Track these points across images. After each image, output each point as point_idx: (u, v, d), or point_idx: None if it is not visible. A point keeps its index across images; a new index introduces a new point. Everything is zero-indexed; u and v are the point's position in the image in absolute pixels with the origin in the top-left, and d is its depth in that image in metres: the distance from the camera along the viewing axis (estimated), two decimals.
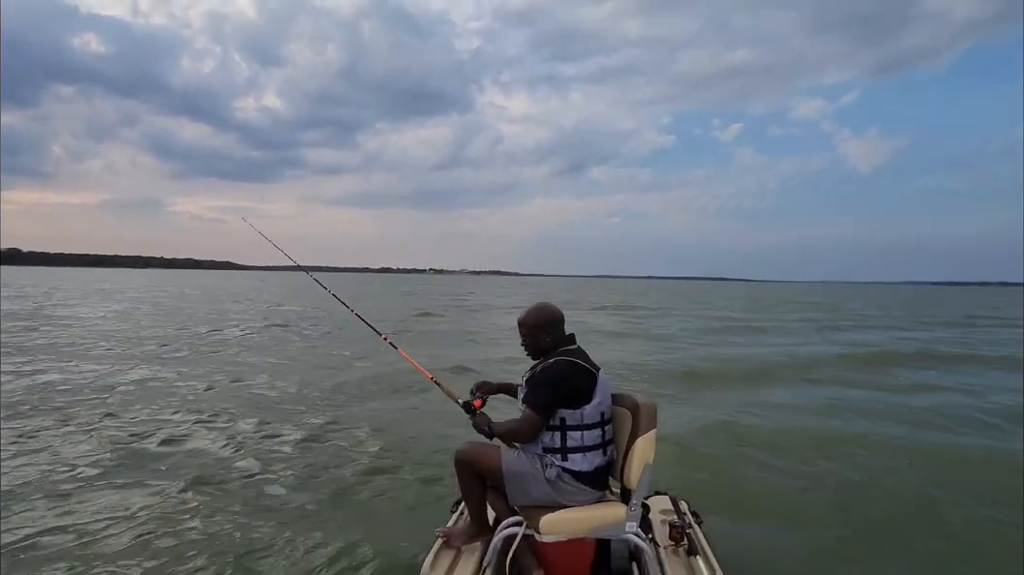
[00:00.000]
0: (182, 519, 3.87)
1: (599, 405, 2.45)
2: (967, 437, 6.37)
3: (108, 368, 9.44)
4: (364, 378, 8.87)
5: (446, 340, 14.66)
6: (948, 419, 7.04)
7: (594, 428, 2.44)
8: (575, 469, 2.42)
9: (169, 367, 9.77)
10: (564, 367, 2.44)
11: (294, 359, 11.12)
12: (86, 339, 13.21)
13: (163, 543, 3.53)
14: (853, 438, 6.01)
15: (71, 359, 10.18)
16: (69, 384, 8.04)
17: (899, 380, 10.10)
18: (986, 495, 4.53)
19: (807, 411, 7.48)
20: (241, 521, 3.87)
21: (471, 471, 2.55)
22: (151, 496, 4.23)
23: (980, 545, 3.77)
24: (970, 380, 10.00)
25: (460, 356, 11.32)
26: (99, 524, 3.77)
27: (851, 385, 9.44)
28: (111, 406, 6.84)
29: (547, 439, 2.46)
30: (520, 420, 2.47)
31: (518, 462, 2.47)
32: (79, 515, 3.90)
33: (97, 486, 4.41)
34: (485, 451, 2.54)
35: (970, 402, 8.09)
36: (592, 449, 2.44)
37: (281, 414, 6.73)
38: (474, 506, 2.62)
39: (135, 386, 8.05)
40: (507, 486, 2.48)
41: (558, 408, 2.41)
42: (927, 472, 5.08)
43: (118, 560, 3.33)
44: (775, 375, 10.38)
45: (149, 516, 3.90)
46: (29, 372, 8.80)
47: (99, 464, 4.86)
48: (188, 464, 4.95)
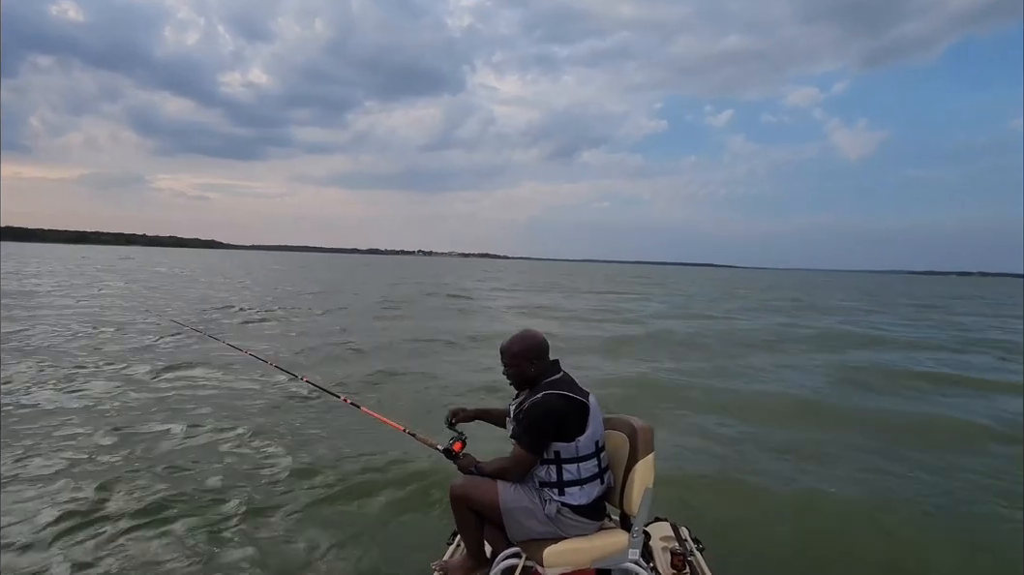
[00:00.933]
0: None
1: (593, 434, 2.36)
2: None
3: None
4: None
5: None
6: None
7: (590, 459, 2.36)
8: (573, 503, 2.35)
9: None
10: (555, 400, 2.32)
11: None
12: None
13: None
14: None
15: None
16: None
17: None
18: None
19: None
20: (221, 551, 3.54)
21: (467, 507, 2.43)
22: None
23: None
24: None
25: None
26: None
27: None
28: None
29: (542, 474, 2.37)
30: (510, 459, 2.38)
31: (516, 498, 2.36)
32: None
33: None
34: (482, 487, 2.41)
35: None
36: (589, 481, 2.36)
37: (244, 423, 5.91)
38: (471, 540, 2.51)
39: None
40: (505, 522, 2.37)
41: (551, 442, 2.32)
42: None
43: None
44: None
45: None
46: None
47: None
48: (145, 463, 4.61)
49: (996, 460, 5.55)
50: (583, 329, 15.16)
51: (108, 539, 3.49)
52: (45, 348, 9.31)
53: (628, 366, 10.08)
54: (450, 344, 11.66)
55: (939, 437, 6.31)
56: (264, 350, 9.60)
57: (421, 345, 11.26)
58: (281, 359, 8.60)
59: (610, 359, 10.81)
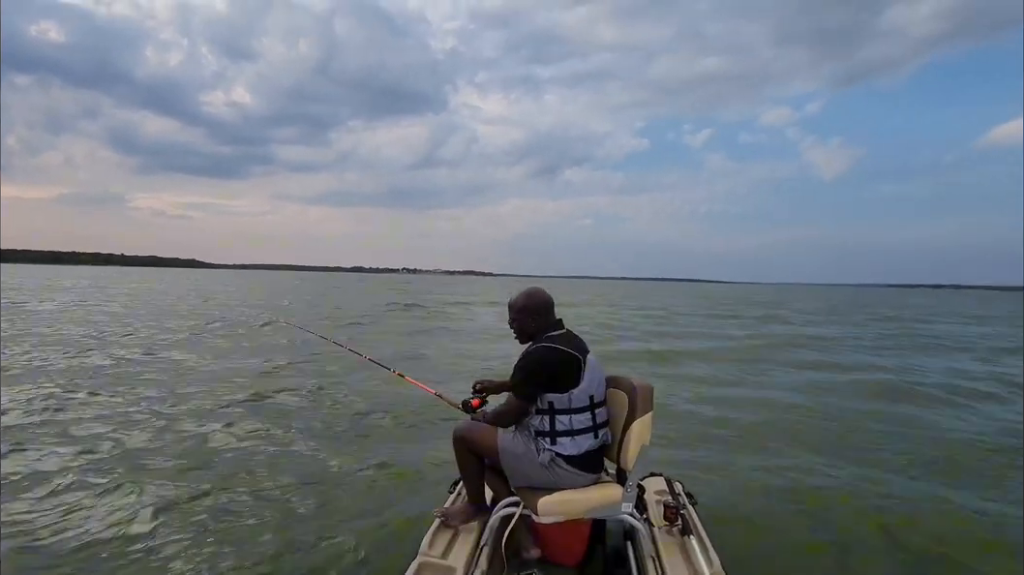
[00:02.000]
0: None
1: (587, 389, 2.44)
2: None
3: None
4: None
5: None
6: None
7: (582, 412, 2.44)
8: (565, 453, 2.44)
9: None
10: (544, 352, 2.45)
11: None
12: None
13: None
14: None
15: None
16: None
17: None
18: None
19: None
20: (233, 498, 3.85)
21: (468, 449, 2.57)
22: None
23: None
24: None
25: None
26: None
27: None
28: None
29: (536, 422, 2.48)
30: (504, 404, 2.53)
31: (513, 443, 2.49)
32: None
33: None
34: (482, 430, 2.55)
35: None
36: (581, 433, 2.45)
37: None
38: (472, 485, 2.63)
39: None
40: (504, 466, 2.50)
41: (543, 392, 2.43)
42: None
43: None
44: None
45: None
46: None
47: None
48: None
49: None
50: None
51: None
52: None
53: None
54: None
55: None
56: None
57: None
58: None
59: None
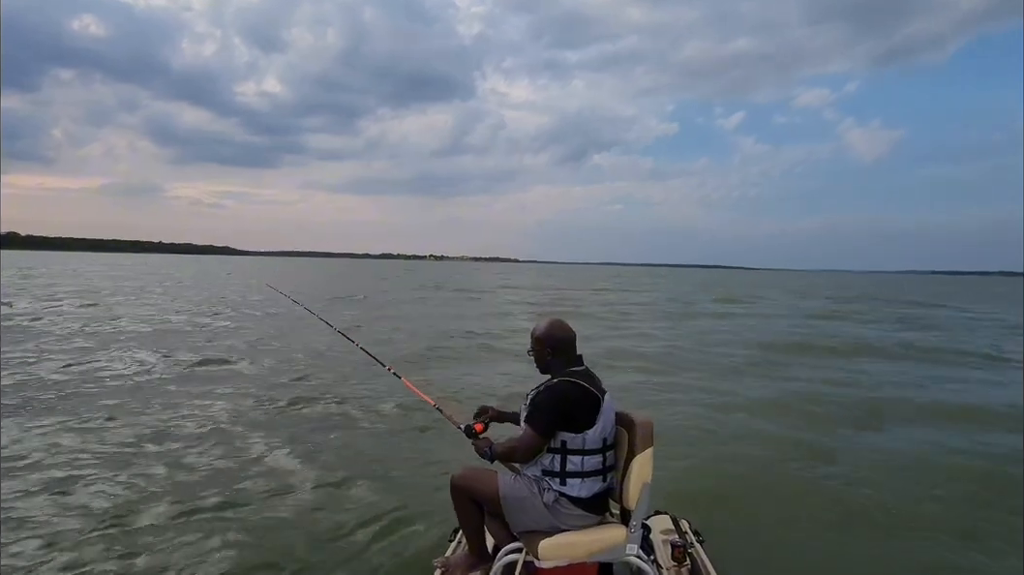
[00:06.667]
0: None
1: (602, 431, 2.37)
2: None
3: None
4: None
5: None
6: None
7: (595, 454, 2.37)
8: (572, 495, 2.36)
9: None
10: (568, 388, 2.36)
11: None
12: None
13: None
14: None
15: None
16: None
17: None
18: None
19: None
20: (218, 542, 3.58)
21: (468, 498, 2.48)
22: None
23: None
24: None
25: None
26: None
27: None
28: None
29: (547, 462, 2.39)
30: (519, 439, 2.40)
31: (515, 486, 2.40)
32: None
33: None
34: (481, 476, 2.47)
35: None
36: (591, 475, 2.38)
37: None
38: (472, 534, 2.54)
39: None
40: (505, 512, 2.41)
41: (559, 430, 2.34)
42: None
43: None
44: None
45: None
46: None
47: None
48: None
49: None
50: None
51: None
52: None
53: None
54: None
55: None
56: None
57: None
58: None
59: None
